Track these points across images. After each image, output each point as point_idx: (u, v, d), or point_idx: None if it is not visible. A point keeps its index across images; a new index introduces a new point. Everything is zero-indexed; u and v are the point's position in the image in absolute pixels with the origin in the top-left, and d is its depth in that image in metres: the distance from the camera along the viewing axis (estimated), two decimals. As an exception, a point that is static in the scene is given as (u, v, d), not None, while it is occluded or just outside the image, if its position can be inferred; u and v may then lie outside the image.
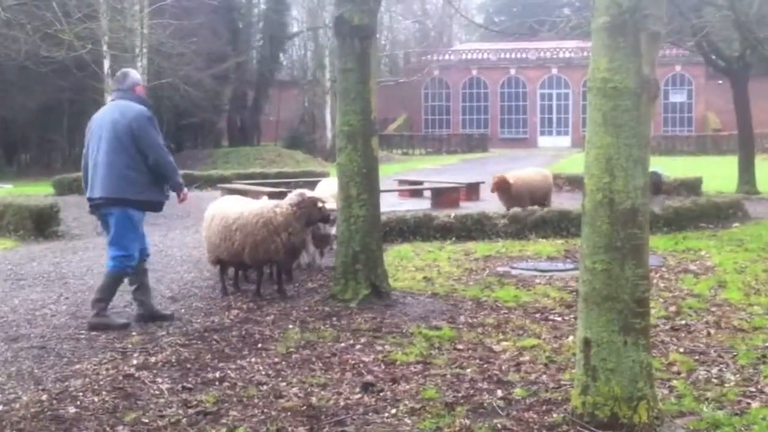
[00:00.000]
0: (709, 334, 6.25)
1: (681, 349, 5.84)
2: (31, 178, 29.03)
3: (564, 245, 10.80)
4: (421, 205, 16.15)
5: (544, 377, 5.24)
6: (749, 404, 4.66)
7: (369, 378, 5.23)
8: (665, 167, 19.64)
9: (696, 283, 8.24)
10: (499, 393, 4.91)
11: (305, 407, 4.70)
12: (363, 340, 6.18)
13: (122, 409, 4.73)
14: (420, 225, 11.66)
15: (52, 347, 6.15)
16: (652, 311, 5.55)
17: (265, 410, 4.68)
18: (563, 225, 11.71)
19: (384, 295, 7.53)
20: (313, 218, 7.80)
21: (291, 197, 7.83)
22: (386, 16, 51.69)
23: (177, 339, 6.31)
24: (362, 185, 7.53)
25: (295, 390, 5.03)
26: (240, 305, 7.53)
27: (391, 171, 27.17)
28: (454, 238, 11.42)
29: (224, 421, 4.52)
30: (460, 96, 50.69)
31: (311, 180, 17.78)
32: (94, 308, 6.75)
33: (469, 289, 8.07)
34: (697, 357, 5.65)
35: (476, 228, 11.66)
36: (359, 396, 4.91)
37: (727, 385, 5.02)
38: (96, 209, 6.92)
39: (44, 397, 4.97)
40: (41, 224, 12.65)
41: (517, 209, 12.29)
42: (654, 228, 11.21)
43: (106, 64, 27.31)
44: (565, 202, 14.38)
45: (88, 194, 6.90)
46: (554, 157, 36.19)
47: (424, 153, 42.95)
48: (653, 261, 9.09)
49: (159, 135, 6.86)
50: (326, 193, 8.89)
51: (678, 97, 47.96)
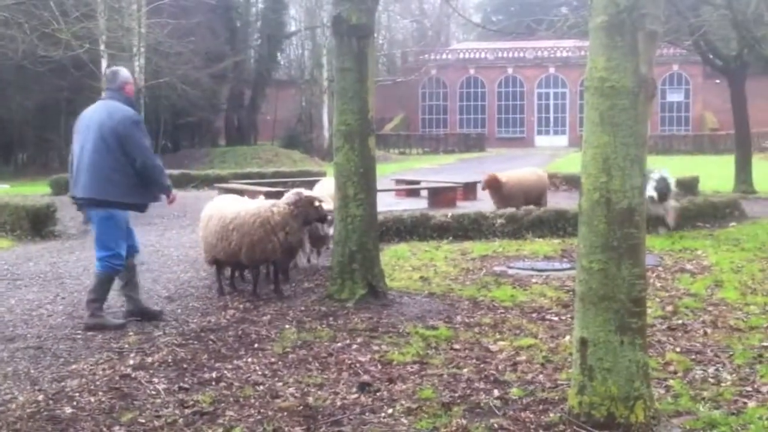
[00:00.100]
0: (706, 334, 6.26)
1: (677, 349, 5.84)
2: (29, 178, 28.99)
3: (561, 245, 10.81)
4: (418, 205, 16.14)
5: (541, 377, 5.24)
6: (745, 404, 4.67)
7: (366, 378, 5.23)
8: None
9: (693, 283, 8.25)
10: (496, 393, 4.91)
11: (302, 407, 4.70)
12: (360, 340, 6.17)
13: (119, 410, 4.73)
14: (417, 224, 11.66)
15: (49, 347, 6.15)
16: (649, 311, 5.56)
17: (262, 410, 4.67)
18: (560, 224, 11.72)
19: (381, 295, 7.53)
20: (310, 217, 7.80)
21: (288, 196, 7.83)
22: (384, 16, 51.74)
23: (173, 339, 6.31)
24: (359, 185, 7.53)
25: (292, 390, 5.03)
26: (236, 305, 7.52)
27: (389, 170, 27.17)
28: (451, 238, 11.43)
29: (221, 422, 4.51)
30: (458, 95, 50.70)
31: (308, 179, 17.79)
32: (89, 309, 6.75)
33: (466, 289, 8.07)
34: (694, 356, 5.66)
35: (473, 227, 11.66)
36: (356, 396, 4.90)
37: (724, 385, 5.02)
38: (80, 207, 6.95)
39: (40, 398, 4.96)
40: (38, 224, 12.63)
41: (512, 209, 12.29)
42: (650, 227, 11.20)
43: (104, 64, 27.22)
44: (562, 202, 14.37)
45: (72, 192, 6.92)
46: (551, 157, 36.22)
47: (422, 152, 42.97)
48: (650, 260, 9.08)
49: (146, 137, 6.83)
50: (324, 193, 8.88)
51: (675, 97, 48.01)
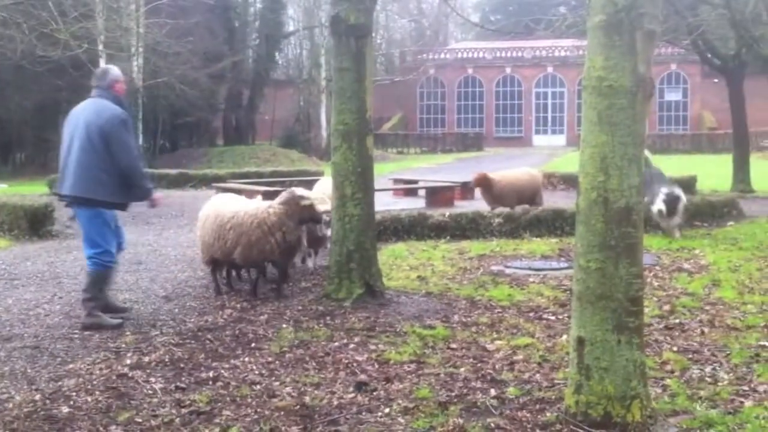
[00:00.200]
0: (703, 333, 6.26)
1: (674, 348, 5.84)
2: (27, 178, 28.97)
3: (558, 244, 10.81)
4: (416, 204, 16.15)
5: (538, 376, 5.24)
6: (742, 403, 4.67)
7: (362, 377, 5.22)
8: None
9: (690, 282, 8.24)
10: (493, 392, 4.91)
11: (299, 406, 4.69)
12: (357, 340, 6.17)
13: (115, 409, 4.73)
14: (414, 224, 11.66)
15: (46, 347, 6.14)
16: (646, 310, 5.56)
17: (259, 410, 4.67)
18: (557, 224, 11.72)
19: (378, 294, 7.52)
20: (303, 216, 7.74)
21: (281, 196, 7.83)
22: (382, 15, 51.75)
23: (170, 338, 6.30)
24: (357, 184, 7.52)
25: (289, 389, 5.03)
26: (234, 304, 7.52)
27: (386, 170, 27.17)
28: (449, 237, 11.42)
29: (217, 421, 4.51)
30: (456, 95, 50.67)
31: (306, 179, 17.78)
32: (86, 308, 6.74)
33: (463, 288, 8.07)
34: (691, 356, 5.66)
35: (471, 227, 11.66)
36: (353, 395, 4.90)
37: (721, 384, 5.02)
38: (68, 204, 6.96)
39: (37, 397, 4.96)
40: (36, 224, 12.62)
41: (503, 208, 12.35)
42: (648, 227, 11.21)
43: (102, 64, 27.25)
44: (560, 201, 14.38)
45: (58, 189, 6.92)
46: (549, 156, 36.22)
47: (419, 152, 42.94)
48: (647, 260, 9.10)
49: (132, 138, 6.81)
50: (324, 193, 8.88)
51: (673, 96, 48.01)
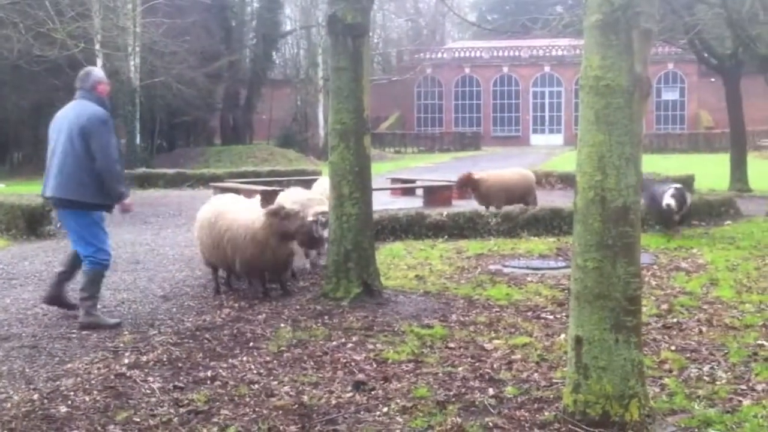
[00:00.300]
0: (701, 332, 6.27)
1: (673, 347, 5.85)
2: (24, 177, 28.88)
3: (556, 243, 10.82)
4: (414, 204, 16.15)
5: (536, 375, 5.24)
6: (740, 402, 4.68)
7: (360, 376, 5.23)
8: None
9: (688, 281, 8.26)
10: (491, 391, 4.91)
11: (297, 406, 4.70)
12: (355, 339, 6.17)
13: (113, 409, 4.72)
14: (412, 223, 11.66)
15: (44, 346, 6.13)
16: (644, 309, 5.56)
17: (257, 409, 4.67)
18: (555, 223, 11.74)
19: (376, 294, 7.52)
20: (289, 228, 7.48)
21: (266, 211, 7.61)
22: (379, 15, 51.75)
23: (168, 338, 6.30)
24: (354, 183, 7.52)
25: (287, 389, 5.03)
26: (232, 304, 7.51)
27: (384, 169, 27.16)
28: (447, 237, 11.43)
29: (215, 420, 4.51)
30: (453, 94, 50.66)
31: (304, 178, 17.78)
32: (83, 308, 6.73)
33: (461, 288, 8.07)
34: (689, 355, 5.67)
35: (468, 226, 11.67)
36: (351, 394, 4.90)
37: (719, 383, 5.03)
38: (53, 206, 6.98)
39: (35, 397, 4.95)
40: (33, 223, 12.60)
41: (494, 208, 12.48)
42: (646, 226, 11.23)
43: (99, 63, 27.15)
44: (557, 200, 14.39)
45: (42, 191, 6.93)
46: (547, 155, 36.23)
47: (417, 151, 42.95)
48: (645, 259, 9.11)
49: (113, 138, 6.76)
50: (323, 193, 8.87)
51: (670, 95, 48.05)
